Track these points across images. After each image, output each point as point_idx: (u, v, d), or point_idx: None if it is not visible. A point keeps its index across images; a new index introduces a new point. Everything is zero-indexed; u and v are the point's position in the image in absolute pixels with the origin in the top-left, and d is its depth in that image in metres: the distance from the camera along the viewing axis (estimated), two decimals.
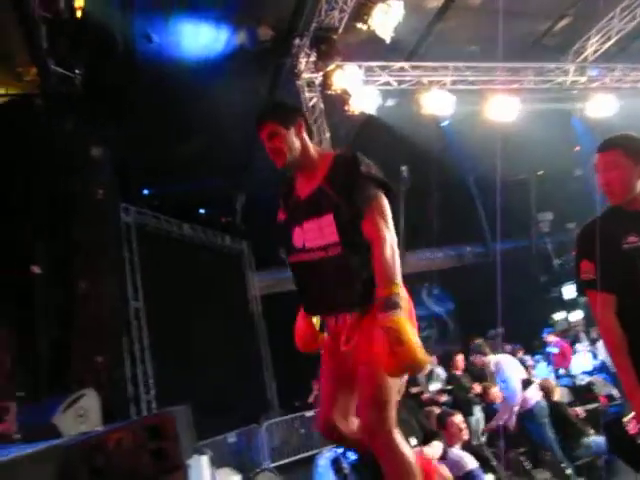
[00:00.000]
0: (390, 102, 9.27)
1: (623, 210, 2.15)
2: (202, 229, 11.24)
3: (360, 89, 8.40)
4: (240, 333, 11.05)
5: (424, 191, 11.87)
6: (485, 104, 9.15)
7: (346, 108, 8.66)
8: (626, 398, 2.07)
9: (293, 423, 9.46)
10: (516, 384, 5.21)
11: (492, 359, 5.72)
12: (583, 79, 9.93)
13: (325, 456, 7.24)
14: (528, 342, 11.53)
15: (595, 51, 9.83)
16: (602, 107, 9.71)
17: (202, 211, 12.28)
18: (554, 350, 10.10)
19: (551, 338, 10.46)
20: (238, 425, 8.82)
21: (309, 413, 9.53)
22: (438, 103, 8.70)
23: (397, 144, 10.32)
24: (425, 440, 2.92)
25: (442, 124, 10.07)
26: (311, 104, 8.71)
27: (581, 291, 2.23)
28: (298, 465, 8.83)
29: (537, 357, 10.19)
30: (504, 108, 9.06)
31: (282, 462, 8.95)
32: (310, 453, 8.69)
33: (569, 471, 3.86)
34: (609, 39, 9.58)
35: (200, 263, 10.27)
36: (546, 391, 5.36)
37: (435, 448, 3.00)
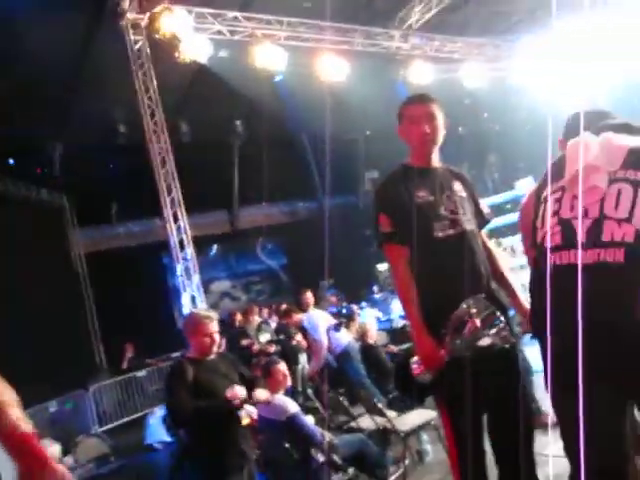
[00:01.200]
0: (223, 53, 8.99)
1: (414, 167, 2.34)
2: (12, 181, 10.05)
3: (190, 36, 8.00)
4: (63, 295, 10.25)
5: (258, 146, 11.88)
6: (316, 62, 9.32)
7: (176, 55, 8.21)
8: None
9: (123, 385, 9.17)
10: (323, 333, 5.68)
11: (304, 316, 6.14)
12: (407, 46, 10.57)
13: (156, 415, 7.18)
14: (355, 291, 12.44)
15: (418, 20, 10.46)
16: (422, 74, 10.45)
17: (12, 161, 10.94)
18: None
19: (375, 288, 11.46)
20: (64, 392, 8.31)
21: (140, 373, 9.32)
22: (271, 57, 8.64)
23: (231, 97, 10.12)
24: (249, 388, 3.02)
25: (275, 79, 10.05)
26: (136, 47, 8.11)
27: (379, 244, 2.32)
28: (129, 427, 8.65)
29: (363, 304, 11.01)
30: (334, 68, 9.30)
31: (112, 425, 8.71)
32: (142, 413, 8.55)
33: (381, 405, 4.28)
34: (430, 10, 10.25)
35: (12, 219, 9.17)
36: (362, 334, 5.89)
37: (262, 394, 3.11)
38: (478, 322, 2.02)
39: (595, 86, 9.41)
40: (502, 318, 2.09)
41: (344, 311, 8.12)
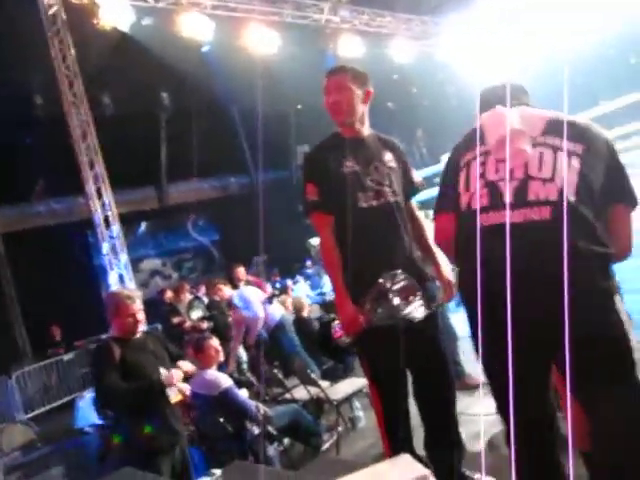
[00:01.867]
0: (147, 21, 8.60)
1: (343, 136, 2.35)
2: None
3: (110, 1, 7.58)
4: None
5: (187, 119, 11.54)
6: (245, 34, 9.10)
7: (95, 22, 7.77)
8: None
9: (50, 370, 8.82)
10: (258, 307, 5.70)
11: (235, 292, 6.14)
12: (336, 19, 10.51)
13: (85, 398, 6.96)
14: (290, 266, 12.47)
15: None
16: (351, 48, 10.45)
17: None
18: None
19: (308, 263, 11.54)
20: None
21: (67, 357, 8.99)
22: (197, 27, 8.35)
23: (156, 68, 9.73)
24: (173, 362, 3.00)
25: (203, 50, 9.73)
26: (51, 12, 7.60)
27: (306, 212, 2.35)
28: (58, 412, 8.36)
29: (297, 278, 11.07)
30: (264, 39, 9.13)
31: (39, 412, 8.39)
32: (70, 397, 8.27)
33: (314, 375, 4.37)
34: None
35: None
36: (296, 307, 5.97)
37: (185, 365, 3.07)
38: (393, 298, 2.09)
39: (516, 62, 9.76)
40: (419, 290, 2.15)
41: (278, 285, 8.15)
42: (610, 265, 1.61)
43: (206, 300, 7.53)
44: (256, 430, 3.59)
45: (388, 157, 2.37)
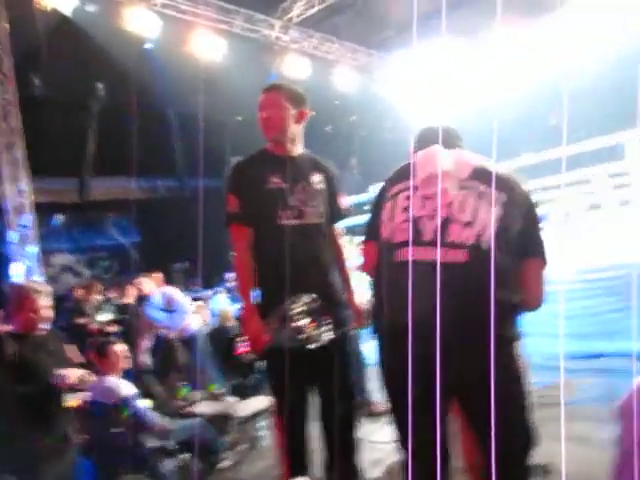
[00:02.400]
0: (90, 7, 8.32)
1: (273, 153, 2.37)
2: None
3: None
4: None
5: (121, 115, 11.14)
6: (192, 38, 9.00)
7: (35, 1, 7.42)
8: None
9: None
10: (180, 315, 5.56)
11: (164, 290, 5.97)
12: (286, 37, 10.63)
13: None
14: (210, 277, 12.22)
15: (299, 15, 10.56)
16: (296, 68, 10.57)
17: None
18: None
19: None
20: None
21: None
22: (143, 22, 8.17)
23: (95, 57, 9.38)
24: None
25: (146, 47, 9.50)
26: None
27: (226, 224, 2.35)
28: None
29: (217, 289, 10.86)
30: (210, 46, 9.06)
31: None
32: None
33: (222, 390, 4.27)
34: (312, 7, 10.40)
35: None
36: (223, 318, 5.90)
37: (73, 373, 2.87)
38: (299, 319, 2.10)
39: (451, 107, 10.24)
40: (327, 314, 2.15)
41: (197, 295, 7.96)
42: (516, 313, 1.68)
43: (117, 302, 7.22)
44: (153, 443, 3.45)
45: (317, 179, 2.37)
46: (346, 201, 2.52)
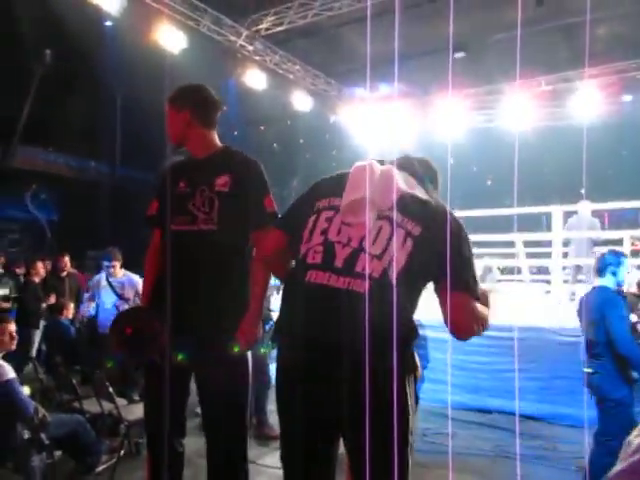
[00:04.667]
0: None
1: (191, 157, 2.36)
2: None
3: None
4: None
5: (64, 86, 10.66)
6: (155, 25, 8.79)
7: None
8: None
9: None
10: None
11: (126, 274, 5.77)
12: (250, 48, 10.60)
13: None
14: (127, 268, 11.72)
15: (267, 29, 10.58)
16: (255, 80, 10.55)
17: None
18: None
19: None
20: None
21: None
22: None
23: (48, 22, 8.96)
24: None
25: (106, 23, 9.18)
26: None
27: (146, 225, 2.39)
28: None
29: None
30: (172, 38, 8.88)
31: None
32: None
33: (111, 390, 4.05)
34: (281, 25, 10.45)
35: None
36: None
37: None
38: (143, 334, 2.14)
39: (397, 150, 10.58)
40: (161, 330, 2.11)
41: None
42: (410, 348, 1.66)
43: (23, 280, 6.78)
44: (26, 435, 3.21)
45: (221, 181, 2.18)
46: (270, 203, 2.22)
